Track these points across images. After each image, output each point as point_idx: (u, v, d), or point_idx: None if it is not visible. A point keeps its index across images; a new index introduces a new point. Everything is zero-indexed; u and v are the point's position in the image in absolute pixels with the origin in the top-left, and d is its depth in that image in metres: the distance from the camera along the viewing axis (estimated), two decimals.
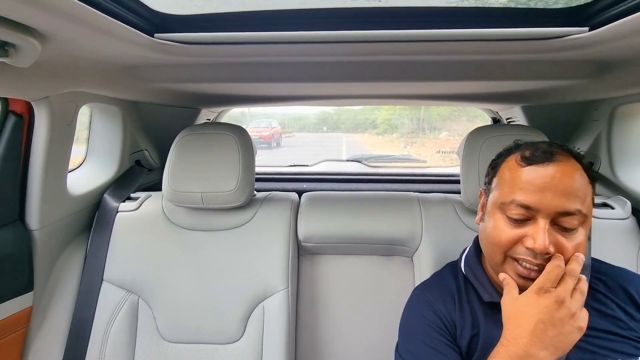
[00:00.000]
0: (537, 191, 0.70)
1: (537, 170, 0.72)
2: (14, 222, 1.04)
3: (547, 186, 0.70)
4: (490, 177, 0.83)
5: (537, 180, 0.71)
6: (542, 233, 0.68)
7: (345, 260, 1.28)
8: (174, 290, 1.16)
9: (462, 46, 0.80)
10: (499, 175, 0.80)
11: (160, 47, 0.79)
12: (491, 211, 0.78)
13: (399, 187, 1.70)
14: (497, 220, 0.75)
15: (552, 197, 0.69)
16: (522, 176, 0.73)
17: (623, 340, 0.74)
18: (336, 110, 13.09)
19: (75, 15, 0.58)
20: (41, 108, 0.98)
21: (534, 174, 0.72)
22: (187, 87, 1.17)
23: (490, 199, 0.80)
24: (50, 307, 1.14)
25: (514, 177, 0.74)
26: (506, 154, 0.82)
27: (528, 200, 0.70)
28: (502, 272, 0.75)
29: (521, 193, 0.71)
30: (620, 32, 0.67)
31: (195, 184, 1.16)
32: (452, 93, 1.38)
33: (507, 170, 0.77)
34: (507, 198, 0.73)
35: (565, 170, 0.71)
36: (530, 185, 0.71)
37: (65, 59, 0.81)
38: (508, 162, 0.79)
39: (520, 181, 0.73)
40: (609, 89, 1.05)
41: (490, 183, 0.82)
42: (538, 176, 0.71)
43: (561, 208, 0.69)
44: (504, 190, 0.75)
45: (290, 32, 0.75)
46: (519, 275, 0.72)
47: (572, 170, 0.71)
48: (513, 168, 0.76)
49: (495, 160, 0.84)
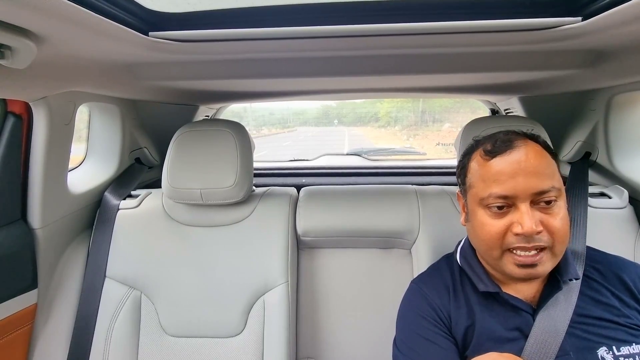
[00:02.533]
0: (509, 179, 0.72)
1: (502, 159, 0.75)
2: (16, 221, 1.05)
3: (517, 171, 0.72)
4: (462, 177, 0.85)
5: (506, 169, 0.73)
6: (526, 216, 0.71)
7: (344, 253, 1.29)
8: (175, 285, 1.17)
9: (458, 38, 0.80)
10: (469, 174, 0.82)
11: (155, 46, 0.80)
12: (473, 210, 0.80)
13: (398, 180, 1.71)
14: (481, 216, 0.77)
15: (525, 180, 0.71)
16: (491, 169, 0.75)
17: (617, 327, 0.75)
18: (338, 104, 13.01)
19: (70, 16, 0.58)
20: (39, 108, 0.99)
21: (502, 164, 0.74)
22: (184, 85, 1.17)
23: (469, 198, 0.82)
24: (54, 304, 1.16)
25: (484, 172, 0.77)
26: (470, 153, 0.84)
27: (504, 189, 0.73)
28: (501, 268, 0.77)
29: (495, 185, 0.74)
30: (613, 21, 0.67)
31: (194, 180, 1.17)
32: (449, 85, 1.38)
33: (475, 168, 0.80)
34: (484, 193, 0.75)
35: (528, 152, 0.74)
36: (501, 176, 0.73)
37: (62, 59, 0.81)
38: (473, 159, 0.82)
39: (491, 174, 0.75)
40: (604, 78, 1.05)
41: (464, 183, 0.84)
42: (506, 165, 0.74)
43: (536, 188, 0.71)
44: (479, 187, 0.77)
45: (285, 27, 0.75)
46: (519, 265, 0.73)
47: (533, 152, 0.74)
48: (480, 164, 0.78)
49: (462, 161, 0.86)
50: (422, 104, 9.22)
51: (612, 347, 0.73)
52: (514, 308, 0.80)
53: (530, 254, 0.72)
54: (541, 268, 0.73)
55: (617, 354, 0.72)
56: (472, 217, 0.81)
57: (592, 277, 0.82)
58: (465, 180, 0.84)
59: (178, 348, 1.14)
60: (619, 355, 0.72)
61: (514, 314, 0.79)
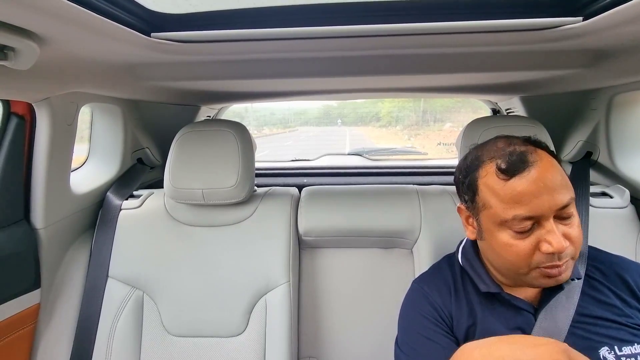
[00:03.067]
0: (533, 199, 0.69)
1: (523, 179, 0.70)
2: (19, 222, 1.06)
3: (540, 190, 0.69)
4: (471, 196, 0.80)
5: (529, 189, 0.70)
6: (555, 234, 0.69)
7: (346, 253, 1.29)
8: (177, 285, 1.18)
9: (459, 38, 0.80)
10: (482, 194, 0.76)
11: (157, 46, 0.80)
12: (492, 229, 0.76)
13: (399, 179, 1.71)
14: (504, 237, 0.74)
15: (548, 198, 0.69)
16: (512, 190, 0.71)
17: (619, 327, 0.75)
18: (339, 104, 12.99)
19: (72, 17, 0.59)
20: (42, 109, 1.00)
21: (524, 184, 0.70)
22: (186, 85, 1.18)
23: (484, 217, 0.77)
24: (57, 303, 1.16)
25: (503, 192, 0.72)
26: (475, 169, 0.79)
27: (530, 211, 0.69)
28: (527, 281, 0.75)
29: (519, 207, 0.70)
30: (614, 20, 0.67)
31: (196, 180, 1.17)
32: (450, 85, 1.39)
33: (489, 188, 0.75)
34: (507, 215, 0.71)
35: (546, 167, 0.71)
36: (525, 197, 0.70)
37: (64, 60, 0.82)
38: (485, 178, 0.76)
39: (513, 195, 0.71)
40: (605, 77, 1.05)
41: (474, 202, 0.79)
42: (528, 185, 0.70)
43: (559, 204, 0.69)
44: (499, 208, 0.73)
45: (287, 28, 0.75)
46: (549, 276, 0.72)
47: (550, 164, 0.72)
48: (496, 184, 0.74)
49: (466, 177, 0.81)
50: (424, 104, 9.21)
51: (614, 347, 0.73)
52: (515, 308, 0.80)
53: (558, 265, 0.71)
54: (565, 275, 0.73)
55: (619, 354, 0.72)
56: (490, 237, 0.77)
57: (593, 276, 0.82)
58: (475, 198, 0.78)
59: (180, 348, 1.14)
60: (620, 355, 0.71)
61: (515, 314, 0.79)
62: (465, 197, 0.83)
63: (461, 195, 0.85)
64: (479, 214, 0.78)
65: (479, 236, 0.81)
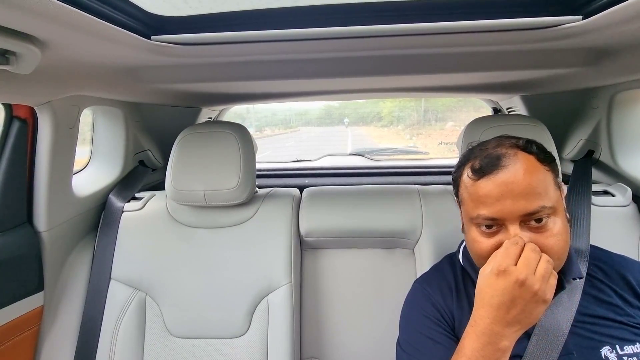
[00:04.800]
0: (496, 202, 0.71)
1: (490, 181, 0.72)
2: (22, 225, 1.07)
3: (504, 194, 0.70)
4: (456, 189, 0.84)
5: (493, 191, 0.71)
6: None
7: (347, 253, 1.29)
8: (180, 286, 1.18)
9: (459, 38, 0.80)
10: (460, 191, 0.81)
11: (157, 49, 0.80)
12: (466, 224, 0.81)
13: (401, 179, 1.71)
14: (473, 232, 0.77)
15: (512, 203, 0.69)
16: (479, 190, 0.73)
17: (620, 326, 0.75)
18: (340, 104, 12.96)
19: (74, 22, 0.59)
20: (44, 112, 1.00)
21: (489, 186, 0.72)
22: (186, 87, 1.18)
23: (463, 212, 0.82)
24: (60, 306, 1.17)
25: (472, 192, 0.76)
26: (462, 165, 0.82)
27: (491, 212, 0.71)
28: None
29: (483, 207, 0.72)
30: (614, 19, 0.67)
31: (198, 182, 1.18)
32: (451, 84, 1.38)
33: (464, 186, 0.79)
34: (474, 213, 0.75)
35: (517, 171, 0.71)
36: (488, 198, 0.72)
37: (66, 64, 0.82)
38: (463, 176, 0.80)
39: (479, 195, 0.73)
40: (606, 76, 1.04)
41: (457, 196, 0.84)
42: (493, 187, 0.71)
43: (523, 211, 0.69)
44: (469, 206, 0.77)
45: (286, 29, 0.75)
46: None
47: (523, 170, 0.71)
48: (469, 183, 0.77)
49: (455, 173, 0.85)
50: (425, 103, 9.17)
51: (616, 346, 0.73)
52: None
53: None
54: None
55: (621, 353, 0.72)
56: (466, 230, 0.81)
57: (595, 276, 0.82)
58: (458, 193, 0.83)
59: (183, 349, 1.14)
60: (622, 355, 0.71)
61: None
62: (454, 191, 0.87)
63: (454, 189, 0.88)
64: (461, 207, 0.84)
65: (463, 228, 0.85)
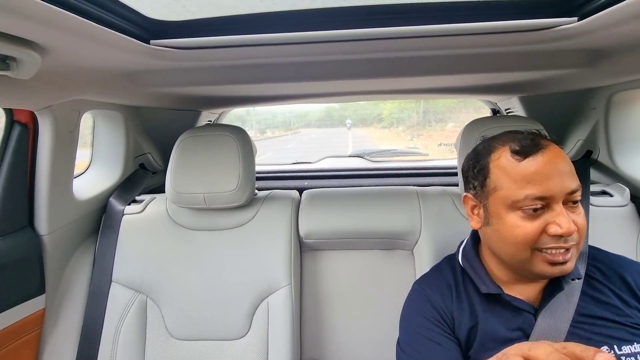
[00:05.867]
0: (545, 180, 0.71)
1: (536, 160, 0.73)
2: (23, 228, 1.07)
3: (553, 172, 0.71)
4: (482, 180, 0.81)
5: (542, 169, 0.71)
6: (565, 217, 0.70)
7: (347, 255, 1.30)
8: (180, 289, 1.19)
9: (457, 40, 0.81)
10: (493, 176, 0.78)
11: (156, 53, 0.81)
12: (500, 212, 0.76)
13: (400, 181, 1.72)
14: (512, 219, 0.74)
15: (560, 181, 0.71)
16: (524, 169, 0.73)
17: (619, 327, 0.75)
18: (341, 106, 12.99)
19: (74, 28, 0.60)
20: (45, 117, 1.01)
21: (536, 165, 0.72)
22: (186, 91, 1.19)
23: (492, 201, 0.78)
24: (62, 308, 1.18)
25: (515, 172, 0.74)
26: (487, 154, 0.80)
27: (541, 190, 0.71)
28: (529, 268, 0.75)
29: (531, 187, 0.71)
30: (610, 20, 0.67)
31: (197, 185, 1.18)
32: (450, 86, 1.39)
33: (502, 169, 0.76)
34: (519, 195, 0.72)
35: (557, 152, 0.73)
36: (537, 176, 0.71)
37: (66, 69, 0.83)
38: (497, 160, 0.78)
39: (525, 175, 0.72)
40: (603, 76, 1.05)
41: (484, 186, 0.80)
42: (540, 165, 0.72)
43: (569, 188, 0.71)
44: (511, 189, 0.74)
45: (283, 33, 0.76)
46: (552, 263, 0.72)
47: (560, 152, 0.74)
48: (509, 164, 0.75)
49: (478, 163, 0.82)
50: (425, 104, 9.19)
51: (614, 347, 0.73)
52: (515, 309, 0.80)
53: (561, 252, 0.71)
54: (570, 264, 0.73)
55: (619, 353, 0.72)
56: (497, 221, 0.77)
57: (593, 276, 0.82)
58: (485, 182, 0.79)
59: (184, 351, 1.15)
60: (620, 355, 0.72)
61: (516, 315, 0.80)
62: (474, 184, 0.83)
63: (469, 182, 0.85)
64: (488, 197, 0.79)
65: (485, 222, 0.81)
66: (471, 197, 0.85)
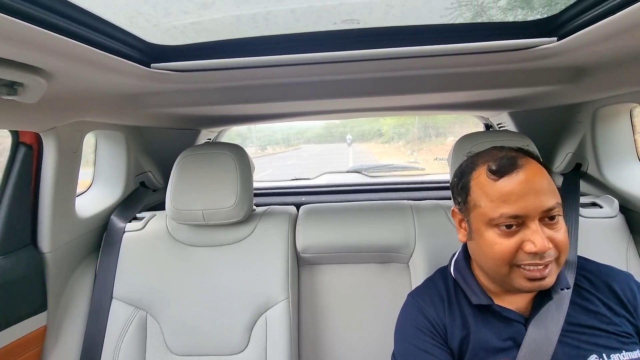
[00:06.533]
0: (519, 199, 0.73)
1: (511, 179, 0.75)
2: (26, 246, 1.10)
3: (527, 191, 0.73)
4: (463, 196, 0.84)
5: (516, 189, 0.73)
6: (539, 235, 0.72)
7: (344, 269, 1.32)
8: (180, 304, 1.20)
9: (446, 60, 0.84)
10: (473, 194, 0.81)
11: (157, 76, 0.85)
12: (480, 229, 0.79)
13: (396, 195, 1.74)
14: (490, 235, 0.77)
15: (534, 199, 0.72)
16: (500, 189, 0.75)
17: (607, 335, 0.76)
18: (341, 121, 13.08)
19: (77, 54, 0.64)
20: (49, 138, 1.05)
21: (511, 184, 0.74)
22: (185, 111, 1.23)
23: (474, 218, 0.81)
24: (63, 325, 1.19)
25: (492, 192, 0.76)
26: (469, 172, 0.83)
27: (515, 210, 0.73)
28: (509, 282, 0.77)
29: (506, 206, 0.74)
30: (588, 40, 0.71)
31: (196, 201, 1.21)
32: (442, 103, 1.43)
33: (480, 188, 0.79)
34: (495, 213, 0.75)
35: (535, 171, 0.75)
36: (511, 196, 0.73)
37: (70, 92, 0.87)
38: (476, 179, 0.81)
39: (501, 194, 0.75)
40: (586, 92, 1.08)
41: (466, 203, 0.83)
42: (515, 185, 0.74)
43: (544, 207, 0.72)
44: (487, 207, 0.76)
45: (278, 55, 0.80)
46: (530, 279, 0.74)
47: (538, 170, 0.76)
48: (486, 184, 0.78)
49: (461, 180, 0.85)
50: (425, 119, 9.23)
51: (602, 355, 0.74)
52: (506, 319, 0.82)
53: (539, 268, 0.73)
54: (549, 280, 0.74)
55: None
56: (478, 236, 0.80)
57: (582, 286, 0.84)
58: (467, 199, 0.82)
59: None
60: None
61: (506, 325, 0.81)
62: (458, 199, 0.86)
63: (455, 198, 0.88)
64: (470, 214, 0.82)
65: (469, 237, 0.84)
66: (457, 212, 0.88)
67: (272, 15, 0.81)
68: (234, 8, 0.79)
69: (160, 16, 0.79)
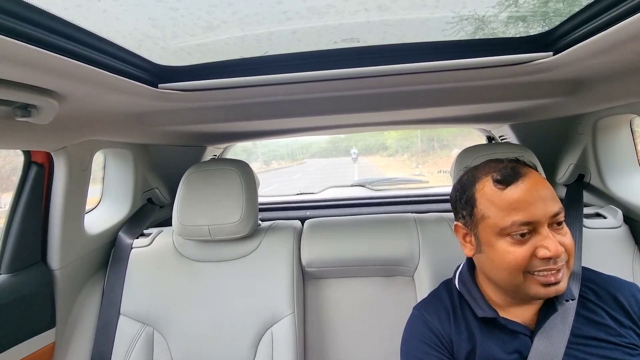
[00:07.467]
0: (528, 206, 0.74)
1: (518, 188, 0.76)
2: (36, 263, 1.12)
3: (535, 198, 0.74)
4: (469, 210, 0.83)
5: (524, 196, 0.75)
6: (552, 240, 0.73)
7: (349, 282, 1.32)
8: (186, 320, 1.21)
9: (445, 75, 0.87)
10: (479, 206, 0.81)
11: (164, 96, 0.88)
12: (490, 240, 0.79)
13: (400, 208, 1.75)
14: (502, 245, 0.77)
15: (542, 205, 0.74)
16: (508, 197, 0.76)
17: (613, 347, 0.76)
18: (346, 135, 13.13)
19: (88, 77, 0.66)
20: (60, 157, 1.07)
21: (518, 192, 0.75)
22: (191, 128, 1.25)
23: (482, 230, 0.80)
24: (71, 342, 1.20)
25: (500, 201, 0.77)
26: (472, 184, 0.84)
27: (526, 216, 0.74)
28: (524, 291, 0.77)
29: (516, 213, 0.74)
30: (583, 54, 0.73)
31: (203, 217, 1.22)
32: (444, 116, 1.45)
33: (487, 198, 0.79)
34: (505, 222, 0.75)
35: (537, 179, 0.77)
36: (521, 203, 0.75)
37: (81, 113, 0.90)
38: (482, 190, 0.81)
39: (510, 202, 0.75)
40: (585, 104, 1.10)
41: (472, 216, 0.82)
42: (522, 193, 0.75)
43: (552, 212, 0.74)
44: (497, 217, 0.77)
45: (281, 74, 0.82)
46: (546, 284, 0.75)
47: (539, 178, 0.78)
48: (493, 194, 0.78)
49: (464, 194, 0.85)
50: (430, 131, 9.26)
51: None
52: (512, 332, 0.81)
53: (553, 273, 0.74)
54: (563, 284, 0.75)
55: None
56: (488, 248, 0.80)
57: (587, 297, 0.84)
58: (473, 212, 0.82)
59: None
60: None
61: (512, 338, 0.81)
62: (462, 213, 0.86)
63: (458, 212, 0.88)
64: (477, 226, 0.82)
65: (478, 250, 0.83)
66: (462, 226, 0.87)
67: (275, 36, 0.83)
68: (239, 30, 0.81)
69: (168, 39, 0.82)
